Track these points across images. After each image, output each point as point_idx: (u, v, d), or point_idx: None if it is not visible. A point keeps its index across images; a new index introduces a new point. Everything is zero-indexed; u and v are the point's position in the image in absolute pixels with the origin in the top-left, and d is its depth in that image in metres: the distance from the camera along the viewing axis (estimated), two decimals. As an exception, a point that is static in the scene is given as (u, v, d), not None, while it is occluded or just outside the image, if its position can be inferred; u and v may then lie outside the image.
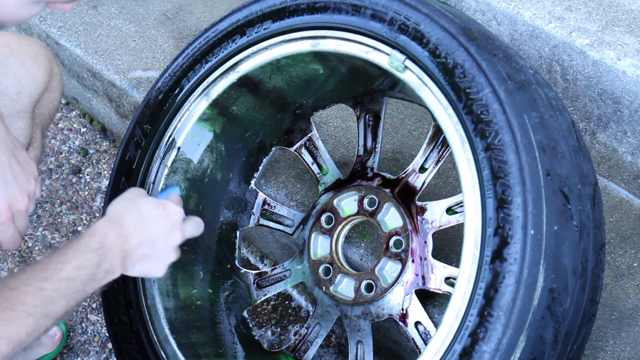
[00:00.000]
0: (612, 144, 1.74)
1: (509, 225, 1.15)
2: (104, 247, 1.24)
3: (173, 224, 1.35)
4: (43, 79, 1.53)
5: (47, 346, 1.83)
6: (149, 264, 1.32)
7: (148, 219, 1.31)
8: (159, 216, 1.33)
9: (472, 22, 1.31)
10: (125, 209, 1.32)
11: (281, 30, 1.46)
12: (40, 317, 1.14)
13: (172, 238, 1.34)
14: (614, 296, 1.56)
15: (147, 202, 1.34)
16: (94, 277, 1.23)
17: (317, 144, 1.68)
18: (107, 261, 1.25)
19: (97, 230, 1.26)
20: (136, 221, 1.30)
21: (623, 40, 1.68)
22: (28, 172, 1.30)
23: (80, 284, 1.20)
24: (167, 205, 1.36)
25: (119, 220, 1.29)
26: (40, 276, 1.17)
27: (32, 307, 1.14)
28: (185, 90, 1.57)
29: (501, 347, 1.14)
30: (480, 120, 1.20)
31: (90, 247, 1.23)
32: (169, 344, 1.53)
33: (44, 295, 1.15)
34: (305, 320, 1.88)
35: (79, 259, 1.21)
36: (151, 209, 1.33)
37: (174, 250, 1.35)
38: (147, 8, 2.41)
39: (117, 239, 1.26)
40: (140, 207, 1.33)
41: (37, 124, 1.55)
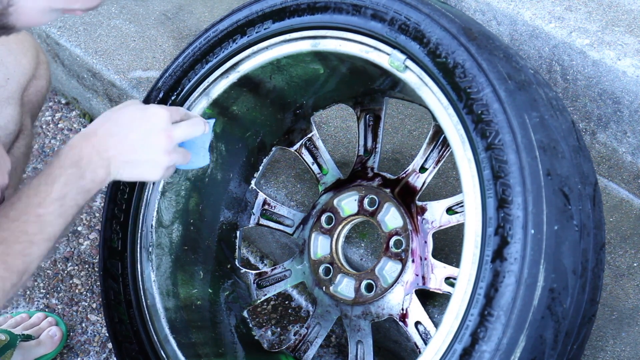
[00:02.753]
0: (612, 144, 1.74)
1: (509, 225, 1.15)
2: (83, 159, 1.25)
3: (153, 126, 1.29)
4: (30, 65, 1.55)
5: (47, 346, 1.83)
6: (138, 168, 1.30)
7: (124, 125, 1.29)
8: (137, 120, 1.30)
9: (472, 22, 1.31)
10: (102, 119, 1.31)
11: (282, 30, 1.46)
12: (42, 242, 1.19)
13: (156, 142, 1.29)
14: (614, 296, 1.56)
15: (127, 110, 1.31)
16: (83, 189, 1.25)
17: (317, 144, 1.68)
18: (91, 170, 1.25)
19: (73, 145, 1.27)
20: (112, 129, 1.28)
21: (623, 40, 1.68)
22: (2, 167, 1.31)
23: (71, 200, 1.23)
24: (148, 109, 1.31)
25: (94, 131, 1.29)
26: (35, 202, 1.20)
27: (33, 236, 1.18)
28: (186, 90, 1.57)
29: (501, 346, 1.14)
30: (480, 120, 1.20)
31: (71, 160, 1.24)
32: (169, 344, 1.53)
33: (42, 220, 1.19)
34: (305, 320, 1.88)
35: (64, 176, 1.23)
36: (128, 115, 1.30)
37: (163, 153, 1.30)
38: (147, 8, 2.41)
39: (93, 148, 1.26)
40: (118, 115, 1.31)
41: (27, 111, 1.56)
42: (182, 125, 1.33)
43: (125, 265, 1.57)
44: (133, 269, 1.57)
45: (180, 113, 1.37)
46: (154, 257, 1.58)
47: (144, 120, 1.30)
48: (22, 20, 1.03)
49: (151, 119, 1.30)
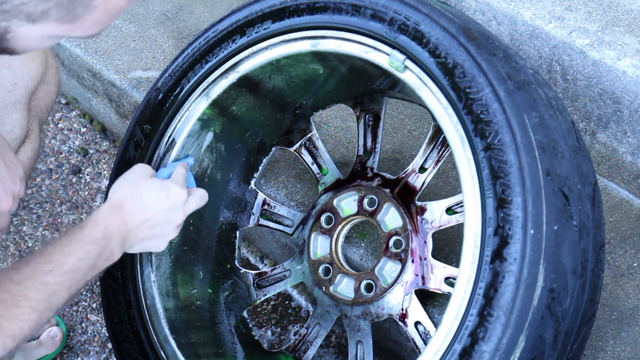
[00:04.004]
0: (612, 144, 1.74)
1: (509, 225, 1.15)
2: (106, 237, 1.26)
3: (174, 206, 1.36)
4: (38, 70, 1.54)
5: (48, 347, 1.83)
6: (149, 242, 1.35)
7: (149, 204, 1.33)
8: (161, 200, 1.34)
9: (472, 22, 1.31)
10: (127, 193, 1.33)
11: (281, 31, 1.46)
12: (44, 311, 1.16)
13: (174, 219, 1.36)
14: (614, 296, 1.56)
15: (150, 186, 1.35)
16: (95, 266, 1.25)
17: (317, 144, 1.68)
18: (108, 249, 1.27)
19: (99, 220, 1.27)
20: (137, 207, 1.31)
21: (623, 40, 1.68)
22: (14, 173, 1.31)
23: (82, 274, 1.22)
24: (169, 188, 1.36)
25: (121, 206, 1.30)
26: (44, 269, 1.18)
27: (36, 303, 1.15)
28: (185, 90, 1.57)
29: (501, 346, 1.14)
30: (480, 120, 1.20)
31: (94, 237, 1.25)
32: (168, 344, 1.53)
33: (48, 289, 1.17)
34: (305, 320, 1.88)
35: (82, 250, 1.23)
36: (153, 194, 1.34)
37: (175, 229, 1.37)
38: (147, 8, 2.41)
39: (119, 227, 1.28)
40: (142, 191, 1.34)
41: (34, 116, 1.56)
42: (192, 200, 1.39)
43: (125, 265, 1.57)
44: (133, 270, 1.57)
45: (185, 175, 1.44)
46: (153, 257, 1.58)
47: (167, 201, 1.35)
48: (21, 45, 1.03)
49: (173, 199, 1.36)
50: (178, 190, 1.37)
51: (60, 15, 0.97)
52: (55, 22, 0.98)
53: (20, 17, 0.97)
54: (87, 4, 0.97)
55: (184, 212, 1.37)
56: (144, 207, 1.32)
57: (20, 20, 0.97)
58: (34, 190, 2.22)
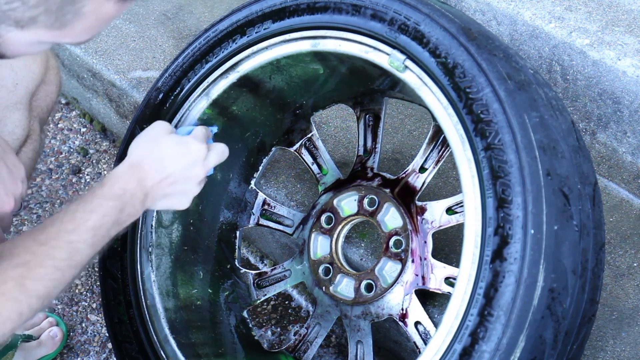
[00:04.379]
0: (612, 144, 1.74)
1: (509, 225, 1.15)
2: (126, 193, 1.26)
3: (195, 162, 1.35)
4: (39, 70, 1.54)
5: (48, 347, 1.84)
6: (171, 199, 1.35)
7: (169, 159, 1.32)
8: (180, 155, 1.33)
9: (472, 22, 1.31)
10: (147, 150, 1.32)
11: (281, 30, 1.46)
12: (67, 269, 1.17)
13: (194, 175, 1.35)
14: (614, 296, 1.56)
15: (168, 143, 1.34)
16: (118, 222, 1.25)
17: (317, 144, 1.68)
18: (130, 205, 1.27)
19: (119, 177, 1.27)
20: (157, 163, 1.31)
21: (623, 40, 1.68)
22: (15, 175, 1.32)
23: (105, 231, 1.23)
24: (189, 143, 1.35)
25: (139, 163, 1.30)
26: (68, 228, 1.18)
27: (60, 261, 1.16)
28: (185, 90, 1.57)
29: (501, 346, 1.14)
30: (480, 120, 1.20)
31: (114, 194, 1.25)
32: (168, 344, 1.53)
33: (72, 247, 1.18)
34: (305, 320, 1.88)
35: (104, 207, 1.23)
36: (172, 150, 1.33)
37: (197, 185, 1.36)
38: (147, 8, 2.41)
39: (139, 183, 1.28)
40: (161, 147, 1.33)
41: (35, 116, 1.56)
42: (212, 155, 1.38)
43: (125, 265, 1.57)
44: (133, 270, 1.57)
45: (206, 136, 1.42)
46: (153, 257, 1.58)
47: (186, 156, 1.34)
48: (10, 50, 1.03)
49: (192, 154, 1.35)
50: (198, 146, 1.35)
51: (49, 21, 0.97)
52: (44, 28, 0.98)
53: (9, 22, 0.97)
54: (77, 11, 0.97)
55: (204, 167, 1.36)
56: (163, 164, 1.31)
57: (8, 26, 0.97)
58: (34, 191, 2.22)
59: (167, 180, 1.31)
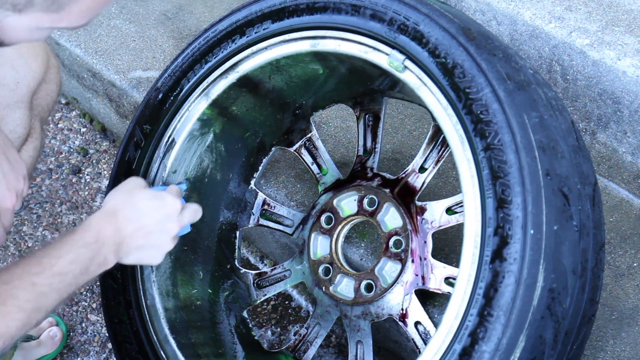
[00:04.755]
0: (612, 144, 1.74)
1: (509, 225, 1.15)
2: (98, 242, 1.25)
3: (169, 216, 1.35)
4: (40, 69, 1.54)
5: (48, 346, 1.83)
6: (144, 253, 1.34)
7: (144, 212, 1.32)
8: (155, 208, 1.34)
9: (471, 22, 1.31)
10: (122, 201, 1.32)
11: (281, 31, 1.46)
12: (32, 311, 1.15)
13: (168, 229, 1.35)
14: (614, 296, 1.56)
15: (144, 195, 1.35)
16: (87, 271, 1.23)
17: (316, 144, 1.68)
18: (101, 255, 1.25)
19: (92, 225, 1.26)
20: (131, 214, 1.30)
21: (623, 40, 1.68)
22: (17, 171, 1.31)
23: (72, 278, 1.21)
24: (164, 197, 1.36)
25: (114, 213, 1.29)
26: (34, 271, 1.17)
27: (24, 302, 1.14)
28: (185, 90, 1.57)
29: (501, 346, 1.13)
30: (479, 120, 1.20)
31: (85, 241, 1.24)
32: (168, 344, 1.53)
33: (36, 290, 1.16)
34: (305, 320, 1.88)
35: (73, 254, 1.21)
36: (147, 202, 1.33)
37: (170, 240, 1.36)
38: (147, 8, 2.41)
39: (112, 233, 1.27)
40: (136, 199, 1.33)
41: (36, 115, 1.56)
42: (186, 213, 1.39)
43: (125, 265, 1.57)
44: (133, 270, 1.57)
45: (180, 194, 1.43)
46: (153, 257, 1.58)
47: (162, 209, 1.34)
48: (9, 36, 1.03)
49: (168, 207, 1.35)
50: (172, 200, 1.36)
51: (46, 4, 0.97)
52: (41, 11, 0.98)
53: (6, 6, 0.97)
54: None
55: (179, 222, 1.36)
56: (138, 214, 1.31)
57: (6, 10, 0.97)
58: (34, 190, 2.22)
59: (141, 230, 1.31)
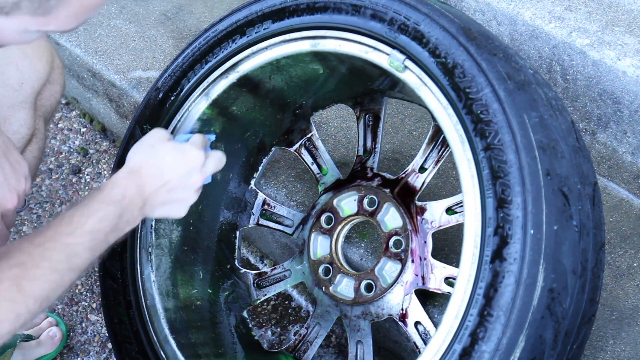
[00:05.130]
0: (612, 144, 1.74)
1: (509, 225, 1.15)
2: (125, 199, 1.25)
3: (192, 169, 1.34)
4: (45, 70, 1.54)
5: (47, 346, 1.84)
6: (169, 207, 1.34)
7: (167, 167, 1.32)
8: (178, 162, 1.33)
9: (472, 22, 1.31)
10: (145, 157, 1.32)
11: (281, 30, 1.46)
12: (66, 271, 1.16)
13: (192, 182, 1.35)
14: (614, 296, 1.56)
15: (167, 149, 1.34)
16: (116, 228, 1.24)
17: (316, 144, 1.68)
18: (128, 211, 1.26)
19: (118, 182, 1.27)
20: (155, 170, 1.30)
21: (623, 40, 1.68)
22: (19, 172, 1.31)
23: (103, 235, 1.21)
24: (187, 150, 1.35)
25: (138, 169, 1.29)
26: (65, 231, 1.17)
27: (57, 263, 1.15)
28: (185, 90, 1.57)
29: (501, 346, 1.13)
30: (480, 120, 1.20)
31: (112, 199, 1.24)
32: (168, 344, 1.53)
33: (69, 249, 1.16)
34: (305, 320, 1.88)
35: (102, 211, 1.22)
36: (170, 157, 1.33)
37: (194, 193, 1.36)
38: (147, 8, 2.41)
39: (137, 190, 1.27)
40: (159, 154, 1.33)
41: (40, 115, 1.56)
42: (209, 163, 1.38)
43: (124, 265, 1.57)
44: (133, 270, 1.57)
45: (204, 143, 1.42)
46: (153, 257, 1.58)
47: (184, 163, 1.34)
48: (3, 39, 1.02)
49: (190, 161, 1.35)
50: (195, 153, 1.35)
51: (32, 7, 0.97)
52: (28, 14, 0.97)
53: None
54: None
55: (202, 174, 1.36)
56: (161, 171, 1.31)
57: None
58: (34, 191, 2.22)
59: (165, 187, 1.31)
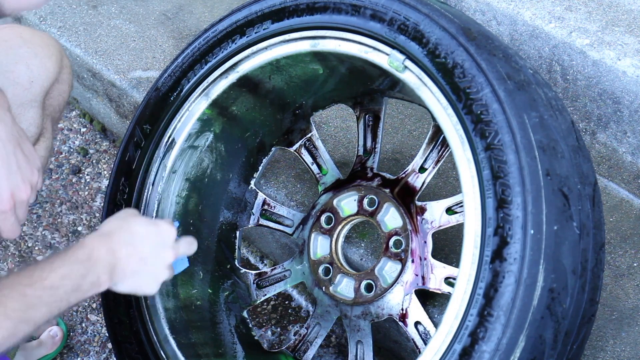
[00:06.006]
0: (612, 144, 1.74)
1: (509, 225, 1.15)
2: (91, 260, 1.23)
3: (164, 242, 1.34)
4: (54, 69, 1.54)
5: (48, 346, 1.84)
6: (139, 280, 1.32)
7: (139, 236, 1.31)
8: (150, 233, 1.33)
9: (471, 22, 1.31)
10: (117, 226, 1.31)
11: (281, 31, 1.46)
12: (19, 321, 1.13)
13: (164, 255, 1.34)
14: (614, 296, 1.56)
15: (139, 221, 1.34)
16: (79, 288, 1.21)
17: (316, 144, 1.68)
18: (94, 274, 1.23)
19: (86, 243, 1.25)
20: (126, 237, 1.30)
21: (623, 40, 1.68)
22: (32, 163, 1.30)
23: (63, 294, 1.19)
24: (159, 223, 1.35)
25: (109, 235, 1.28)
26: (24, 282, 1.15)
27: (11, 311, 1.12)
28: (185, 90, 1.57)
29: (501, 346, 1.14)
30: (479, 120, 1.20)
31: (78, 258, 1.22)
32: (168, 344, 1.53)
33: (25, 300, 1.14)
34: (305, 320, 1.88)
35: (65, 269, 1.20)
36: (142, 227, 1.33)
37: (166, 268, 1.34)
38: (147, 8, 2.41)
39: (106, 253, 1.26)
40: (131, 224, 1.32)
41: (48, 114, 1.56)
42: (182, 243, 1.38)
43: (124, 265, 1.57)
44: (133, 269, 1.57)
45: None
46: (153, 257, 1.58)
47: (156, 235, 1.33)
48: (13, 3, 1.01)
49: (163, 234, 1.34)
50: (168, 227, 1.35)
51: None
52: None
53: None
54: None
55: (174, 250, 1.35)
56: (133, 238, 1.30)
57: None
58: (34, 191, 2.22)
59: (136, 255, 1.29)
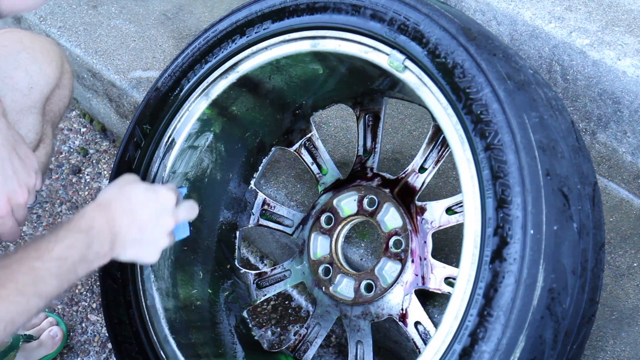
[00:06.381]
0: (612, 144, 1.74)
1: (509, 225, 1.15)
2: (93, 229, 1.23)
3: (164, 209, 1.33)
4: (54, 74, 1.53)
5: (48, 347, 1.84)
6: (140, 248, 1.31)
7: (137, 203, 1.30)
8: (149, 200, 1.32)
9: (471, 22, 1.31)
10: (115, 194, 1.31)
11: (281, 31, 1.46)
12: (31, 296, 1.13)
13: (163, 222, 1.32)
14: (614, 296, 1.56)
15: (138, 188, 1.33)
16: (85, 258, 1.21)
17: (316, 144, 1.68)
18: (98, 242, 1.23)
19: (86, 213, 1.25)
20: (125, 205, 1.29)
21: (623, 40, 1.68)
22: (28, 166, 1.30)
23: (71, 264, 1.19)
24: (158, 190, 1.34)
25: (108, 204, 1.28)
26: (32, 255, 1.16)
27: (23, 286, 1.12)
28: (185, 90, 1.57)
29: (501, 347, 1.13)
30: (479, 120, 1.20)
31: (80, 228, 1.22)
32: (168, 344, 1.53)
33: (36, 274, 1.14)
34: (305, 320, 1.88)
35: (70, 239, 1.20)
36: (141, 194, 1.32)
37: (166, 235, 1.33)
38: (147, 8, 2.41)
39: (106, 222, 1.25)
40: (129, 192, 1.31)
41: (48, 120, 1.55)
42: (182, 209, 1.36)
43: (124, 265, 1.57)
44: (133, 270, 1.57)
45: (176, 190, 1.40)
46: (153, 257, 1.58)
47: (155, 202, 1.32)
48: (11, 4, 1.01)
49: (161, 200, 1.33)
50: (167, 193, 1.33)
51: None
52: None
53: None
54: None
55: (174, 217, 1.34)
56: (131, 207, 1.29)
57: None
58: (34, 190, 2.22)
59: (135, 224, 1.28)
